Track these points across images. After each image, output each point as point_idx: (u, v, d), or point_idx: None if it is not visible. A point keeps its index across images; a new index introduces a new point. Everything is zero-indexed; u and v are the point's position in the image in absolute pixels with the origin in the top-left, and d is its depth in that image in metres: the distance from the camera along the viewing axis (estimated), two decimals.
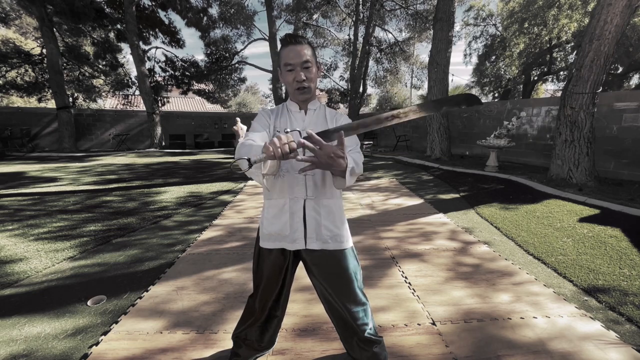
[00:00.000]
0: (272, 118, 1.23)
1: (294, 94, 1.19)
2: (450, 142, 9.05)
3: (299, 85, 1.16)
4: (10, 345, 1.66)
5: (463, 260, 2.68)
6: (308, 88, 1.18)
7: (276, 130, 1.22)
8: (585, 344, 1.65)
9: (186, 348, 1.64)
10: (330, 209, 1.21)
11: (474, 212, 4.11)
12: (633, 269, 2.47)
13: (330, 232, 1.20)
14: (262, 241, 1.26)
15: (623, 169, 5.90)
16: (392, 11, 15.38)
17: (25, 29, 15.99)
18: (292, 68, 1.14)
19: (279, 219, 1.19)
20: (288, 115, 1.25)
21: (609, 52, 4.88)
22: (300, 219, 1.18)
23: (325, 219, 1.19)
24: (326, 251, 1.20)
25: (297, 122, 1.22)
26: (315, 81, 1.21)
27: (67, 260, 2.71)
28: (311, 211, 1.18)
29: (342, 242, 1.22)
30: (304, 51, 1.14)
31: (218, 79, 16.11)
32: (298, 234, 1.19)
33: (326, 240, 1.19)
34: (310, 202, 1.18)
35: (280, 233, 1.19)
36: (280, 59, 1.18)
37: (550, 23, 13.09)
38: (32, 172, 7.33)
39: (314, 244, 1.19)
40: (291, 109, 1.26)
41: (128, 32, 12.62)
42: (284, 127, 1.20)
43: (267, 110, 1.27)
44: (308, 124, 1.23)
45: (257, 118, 1.24)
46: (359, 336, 1.26)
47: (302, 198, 1.18)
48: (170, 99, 17.34)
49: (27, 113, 12.88)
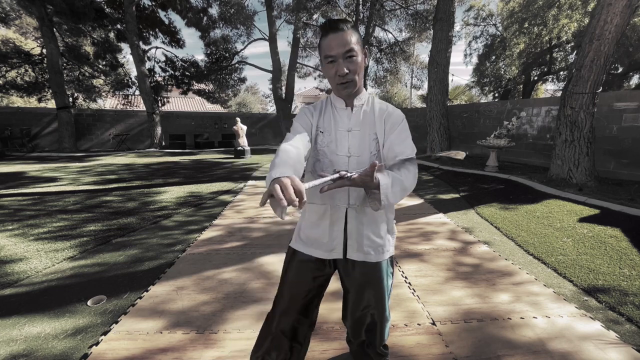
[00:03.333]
0: (316, 116, 1.11)
1: (337, 89, 1.07)
2: (450, 142, 9.05)
3: (342, 80, 1.02)
4: (10, 345, 1.66)
5: (463, 260, 2.68)
6: (352, 82, 1.03)
7: (319, 131, 1.10)
8: (585, 344, 1.65)
9: (186, 348, 1.64)
10: (374, 218, 1.10)
11: (474, 212, 4.11)
12: (633, 269, 2.47)
13: (372, 242, 1.10)
14: (297, 243, 1.16)
15: (623, 169, 5.90)
16: (392, 11, 15.37)
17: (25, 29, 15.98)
18: (334, 59, 1.00)
19: (318, 226, 1.11)
20: (332, 113, 1.12)
21: (609, 52, 4.88)
22: (340, 229, 1.09)
23: (368, 229, 1.10)
24: (366, 263, 1.11)
25: (342, 121, 1.10)
26: (362, 72, 1.06)
27: (67, 260, 2.71)
28: (353, 220, 1.08)
29: (383, 252, 1.13)
30: (347, 39, 0.98)
31: (218, 79, 16.09)
32: (337, 243, 1.10)
33: (368, 252, 1.10)
34: (352, 210, 1.08)
35: (318, 239, 1.11)
36: (321, 50, 1.04)
37: (550, 23, 13.09)
38: (32, 172, 7.33)
39: (354, 254, 1.10)
40: (336, 105, 1.12)
41: (128, 32, 12.61)
42: (327, 126, 1.10)
43: (309, 108, 1.15)
44: (354, 124, 1.10)
45: (299, 117, 1.12)
46: (372, 349, 1.24)
47: (344, 206, 1.08)
48: (170, 99, 17.32)
49: (27, 113, 12.87)
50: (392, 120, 1.09)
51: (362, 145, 1.08)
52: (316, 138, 1.10)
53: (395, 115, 1.10)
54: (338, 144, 1.08)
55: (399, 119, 1.10)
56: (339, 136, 1.08)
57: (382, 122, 1.09)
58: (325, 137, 1.09)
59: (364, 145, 1.08)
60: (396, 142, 1.06)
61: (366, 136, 1.08)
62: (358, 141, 1.08)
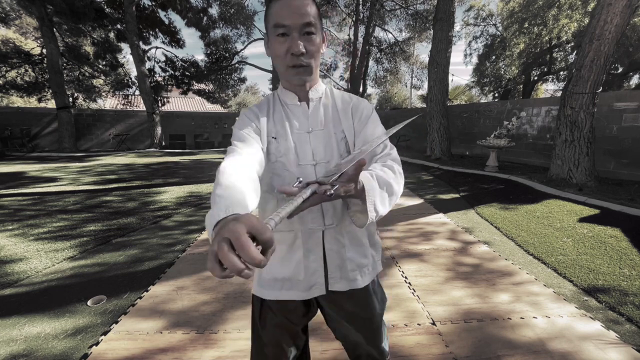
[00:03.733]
0: (263, 119, 0.86)
1: (288, 74, 0.82)
2: (450, 142, 9.05)
3: (296, 62, 0.78)
4: (10, 345, 1.67)
5: (463, 260, 2.68)
6: (308, 67, 0.80)
7: (271, 137, 0.84)
8: (585, 344, 1.65)
9: (186, 348, 1.64)
10: (356, 236, 0.90)
11: (474, 212, 4.11)
12: (633, 269, 2.47)
13: (357, 265, 0.89)
14: (263, 289, 0.89)
15: (623, 169, 5.90)
16: (392, 11, 15.39)
17: (25, 29, 15.97)
18: (286, 32, 0.76)
19: (289, 260, 0.86)
20: (284, 112, 0.88)
21: (609, 52, 4.88)
22: (319, 258, 0.86)
23: (351, 250, 0.89)
24: (353, 291, 0.90)
25: (298, 120, 0.87)
26: (319, 58, 0.84)
27: (67, 260, 2.71)
28: (332, 244, 0.86)
29: (370, 272, 0.93)
30: (306, 8, 0.75)
31: (218, 79, 16.11)
32: (317, 277, 0.86)
33: (354, 278, 0.89)
34: (330, 231, 0.85)
35: (292, 277, 0.86)
36: (268, 18, 0.78)
37: (550, 23, 13.09)
38: (32, 172, 7.33)
39: (337, 285, 0.88)
40: (286, 101, 0.88)
41: (128, 32, 12.62)
42: (281, 130, 0.85)
43: (252, 109, 0.88)
44: (315, 122, 0.87)
45: (240, 122, 0.85)
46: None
47: (319, 228, 0.84)
48: (170, 99, 17.33)
49: (27, 113, 12.87)
50: (360, 113, 0.89)
51: (329, 148, 0.86)
52: (268, 147, 0.84)
53: (363, 106, 0.91)
54: (298, 150, 0.84)
55: (368, 110, 0.90)
56: (297, 141, 0.85)
57: (348, 116, 0.89)
58: (280, 144, 0.84)
59: (331, 147, 0.86)
60: (372, 138, 0.86)
61: (332, 136, 0.87)
62: (323, 144, 0.85)
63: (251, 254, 0.39)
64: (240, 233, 0.40)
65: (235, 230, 0.40)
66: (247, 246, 0.39)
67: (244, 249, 0.39)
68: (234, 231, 0.40)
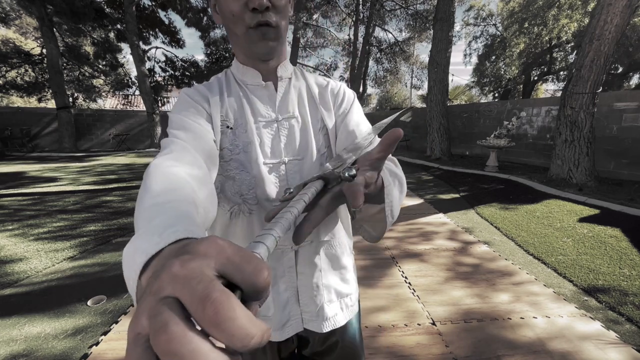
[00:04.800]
0: (214, 102, 0.62)
1: (248, 40, 0.58)
2: (450, 142, 9.05)
3: (260, 19, 0.56)
4: (10, 345, 1.67)
5: (463, 260, 2.68)
6: (277, 27, 0.58)
7: (225, 127, 0.62)
8: (585, 344, 1.65)
9: None
10: (335, 255, 0.70)
11: (474, 212, 4.11)
12: (633, 269, 2.47)
13: (338, 294, 0.71)
14: None
15: (623, 169, 5.90)
16: (392, 11, 15.40)
17: (25, 29, 15.98)
18: None
19: None
20: (243, 95, 0.65)
21: (609, 52, 4.88)
22: (291, 286, 0.67)
23: (329, 274, 0.70)
24: (334, 330, 0.70)
25: (262, 105, 0.65)
26: (287, 21, 0.62)
27: (67, 260, 2.71)
28: (306, 267, 0.67)
29: (353, 304, 0.74)
30: None
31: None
32: (289, 310, 0.67)
33: (334, 313, 0.69)
34: (304, 251, 0.66)
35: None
36: None
37: (550, 23, 13.10)
38: (32, 172, 7.33)
39: (314, 323, 0.68)
40: (246, 80, 0.66)
41: (128, 32, 12.62)
42: (240, 117, 0.63)
43: (198, 89, 0.64)
44: (285, 107, 0.66)
45: (181, 105, 0.61)
46: None
47: (290, 248, 0.65)
48: (170, 99, 17.33)
49: (27, 113, 12.87)
50: (341, 98, 0.70)
51: (304, 142, 0.66)
52: (221, 141, 0.62)
53: (344, 90, 0.72)
54: (263, 144, 0.63)
55: (350, 96, 0.71)
56: (261, 132, 0.64)
57: (326, 101, 0.69)
58: (237, 136, 0.63)
59: (307, 140, 0.66)
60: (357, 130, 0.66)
61: (307, 126, 0.66)
62: (297, 135, 0.65)
63: (240, 325, 0.17)
64: (206, 279, 0.18)
65: (195, 273, 0.19)
66: (228, 308, 0.17)
67: (222, 315, 0.17)
68: (193, 276, 0.19)
